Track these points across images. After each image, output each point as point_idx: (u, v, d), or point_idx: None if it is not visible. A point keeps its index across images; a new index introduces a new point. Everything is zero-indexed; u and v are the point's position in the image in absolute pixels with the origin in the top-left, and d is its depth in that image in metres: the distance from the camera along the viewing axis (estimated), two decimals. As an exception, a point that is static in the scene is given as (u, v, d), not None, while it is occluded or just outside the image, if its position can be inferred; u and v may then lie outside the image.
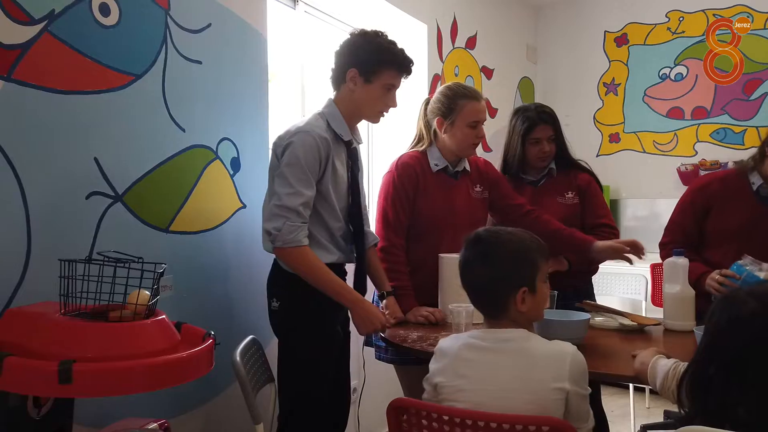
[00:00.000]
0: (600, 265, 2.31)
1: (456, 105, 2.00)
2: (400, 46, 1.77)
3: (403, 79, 1.79)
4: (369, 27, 1.81)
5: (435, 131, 2.08)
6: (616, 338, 1.72)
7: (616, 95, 4.16)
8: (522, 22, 4.39)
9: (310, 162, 1.65)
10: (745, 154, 1.99)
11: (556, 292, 1.95)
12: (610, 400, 3.13)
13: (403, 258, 2.00)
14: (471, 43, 3.78)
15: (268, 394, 1.78)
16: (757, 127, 3.56)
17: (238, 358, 1.50)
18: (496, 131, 3.84)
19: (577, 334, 1.57)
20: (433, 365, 1.31)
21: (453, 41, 3.62)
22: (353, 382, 2.04)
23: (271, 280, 1.78)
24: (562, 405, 1.17)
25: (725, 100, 3.72)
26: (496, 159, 2.33)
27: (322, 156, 1.68)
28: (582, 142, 4.18)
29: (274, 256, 1.73)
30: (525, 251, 1.27)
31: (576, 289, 2.16)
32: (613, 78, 4.18)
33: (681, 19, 3.90)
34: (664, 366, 1.27)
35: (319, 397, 1.71)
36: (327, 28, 2.95)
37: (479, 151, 3.79)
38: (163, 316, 1.24)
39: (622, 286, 3.26)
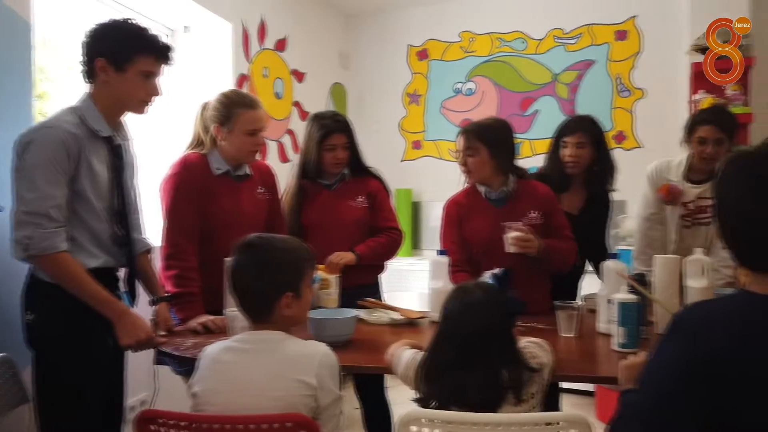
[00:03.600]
0: (389, 263, 2.48)
1: (233, 113, 1.99)
2: (153, 32, 1.69)
3: (164, 67, 1.71)
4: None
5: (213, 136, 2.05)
6: (387, 332, 1.86)
7: (419, 105, 4.49)
8: (334, 29, 4.53)
9: (59, 160, 1.53)
10: (521, 164, 2.26)
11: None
12: (404, 387, 3.37)
13: (193, 263, 1.95)
14: (281, 45, 3.81)
15: (23, 416, 1.62)
16: (530, 140, 4.10)
17: (-27, 381, 1.35)
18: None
19: (345, 331, 1.68)
20: (194, 373, 1.30)
21: (261, 42, 3.62)
22: (143, 394, 1.94)
23: (25, 291, 1.63)
24: (310, 402, 1.22)
25: (506, 114, 4.21)
26: None
27: (71, 153, 1.56)
28: (389, 148, 4.45)
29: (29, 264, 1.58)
30: (295, 258, 1.34)
31: (362, 287, 2.27)
32: (416, 89, 4.50)
33: (472, 39, 4.33)
34: (406, 356, 1.41)
35: (83, 415, 1.60)
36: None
37: (290, 153, 3.87)
38: None
39: (413, 281, 3.53)
